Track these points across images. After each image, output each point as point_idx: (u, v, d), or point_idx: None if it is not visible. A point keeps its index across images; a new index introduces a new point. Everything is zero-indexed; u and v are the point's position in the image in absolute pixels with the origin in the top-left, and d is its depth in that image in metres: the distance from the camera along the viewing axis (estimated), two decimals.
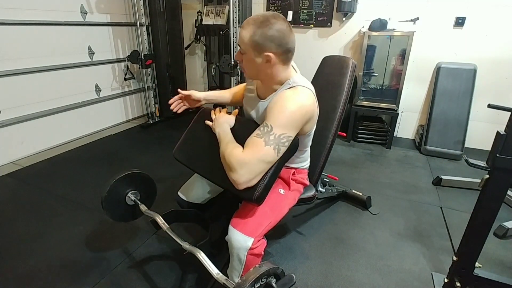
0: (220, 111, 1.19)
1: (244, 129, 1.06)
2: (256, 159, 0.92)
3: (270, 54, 0.97)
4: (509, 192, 2.06)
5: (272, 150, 0.94)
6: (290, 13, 3.19)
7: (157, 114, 3.55)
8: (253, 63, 1.00)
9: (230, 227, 1.04)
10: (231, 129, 1.10)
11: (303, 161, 1.30)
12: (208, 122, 1.17)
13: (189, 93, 1.32)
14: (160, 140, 3.07)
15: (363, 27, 2.94)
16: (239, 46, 1.02)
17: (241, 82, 2.33)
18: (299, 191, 1.30)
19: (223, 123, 1.10)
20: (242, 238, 1.00)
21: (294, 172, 1.25)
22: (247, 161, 0.92)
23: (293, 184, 1.24)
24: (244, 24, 0.97)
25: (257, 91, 1.18)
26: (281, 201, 1.17)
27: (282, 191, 1.19)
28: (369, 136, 3.07)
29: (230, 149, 0.97)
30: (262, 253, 1.06)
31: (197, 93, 1.34)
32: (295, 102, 0.97)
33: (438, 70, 2.82)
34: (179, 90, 1.34)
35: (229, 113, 1.17)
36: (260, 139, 0.94)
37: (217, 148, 1.07)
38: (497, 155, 0.99)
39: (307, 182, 1.34)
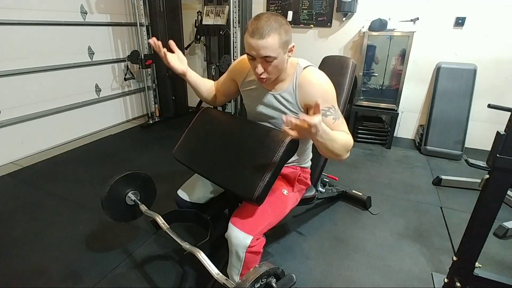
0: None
1: (252, 133, 1.06)
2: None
3: (293, 43, 1.05)
4: (509, 192, 2.06)
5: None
6: (290, 13, 3.18)
7: (157, 114, 3.55)
8: (283, 61, 1.04)
9: (230, 224, 1.05)
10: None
11: (306, 157, 1.30)
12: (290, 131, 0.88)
13: (177, 52, 1.19)
14: (160, 140, 3.06)
15: (363, 27, 2.94)
16: (264, 57, 0.98)
17: None
18: (302, 192, 1.30)
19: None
20: (241, 236, 1.01)
21: (300, 173, 1.26)
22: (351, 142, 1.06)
23: (297, 185, 1.25)
24: (263, 34, 0.94)
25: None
26: (283, 201, 1.17)
27: (285, 192, 1.19)
28: (369, 136, 3.07)
29: (344, 137, 1.03)
30: (261, 251, 1.06)
31: (185, 62, 1.20)
32: (324, 79, 1.09)
33: (438, 70, 2.82)
34: (170, 41, 1.16)
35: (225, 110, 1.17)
36: (340, 119, 1.08)
37: (217, 148, 1.07)
38: (497, 155, 0.99)
39: (310, 183, 1.34)
